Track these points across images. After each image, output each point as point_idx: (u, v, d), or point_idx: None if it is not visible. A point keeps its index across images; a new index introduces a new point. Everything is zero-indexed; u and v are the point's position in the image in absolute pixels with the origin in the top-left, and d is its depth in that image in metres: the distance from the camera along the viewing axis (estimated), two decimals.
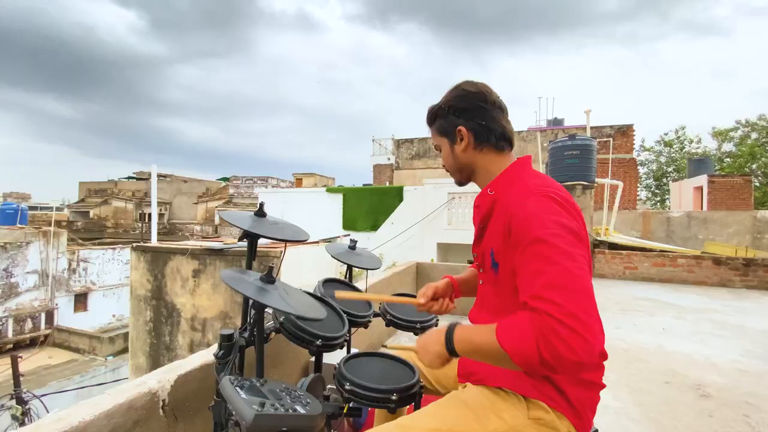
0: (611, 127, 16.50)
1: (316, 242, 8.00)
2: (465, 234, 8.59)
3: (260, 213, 1.29)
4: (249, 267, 1.25)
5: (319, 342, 1.19)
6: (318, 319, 0.98)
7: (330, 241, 8.99)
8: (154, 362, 6.13)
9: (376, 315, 1.68)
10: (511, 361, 0.79)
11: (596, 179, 8.03)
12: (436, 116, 1.10)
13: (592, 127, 14.21)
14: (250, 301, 1.30)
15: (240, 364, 1.24)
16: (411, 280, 4.49)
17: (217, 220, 28.41)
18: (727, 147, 23.75)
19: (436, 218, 8.86)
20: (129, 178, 36.89)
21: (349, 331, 1.48)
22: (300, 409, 0.77)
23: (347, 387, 1.09)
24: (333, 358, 2.10)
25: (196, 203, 31.21)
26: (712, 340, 3.91)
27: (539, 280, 0.78)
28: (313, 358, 2.20)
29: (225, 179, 33.65)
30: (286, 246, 1.33)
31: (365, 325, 1.56)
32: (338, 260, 1.77)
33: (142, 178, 35.99)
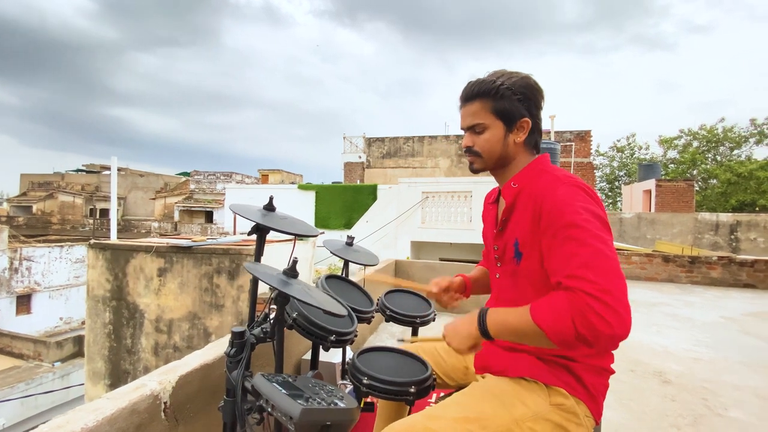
0: (571, 132, 17.39)
1: (289, 240, 7.85)
2: (438, 232, 8.77)
3: (269, 207, 1.26)
4: (258, 259, 1.22)
5: (333, 337, 1.19)
6: (341, 314, 0.97)
7: (302, 239, 8.85)
8: (114, 367, 5.77)
9: (375, 311, 1.69)
10: (546, 339, 0.82)
11: None
12: (494, 94, 0.99)
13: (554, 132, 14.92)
14: (266, 297, 1.27)
15: (247, 362, 1.21)
16: (389, 276, 4.51)
17: (176, 217, 27.09)
18: (672, 154, 25.73)
19: (409, 217, 8.96)
20: (78, 170, 34.40)
21: None
22: (340, 403, 0.76)
23: (365, 381, 1.09)
24: (326, 356, 2.08)
25: (153, 199, 29.58)
26: (667, 331, 4.24)
27: (574, 261, 0.82)
28: (306, 356, 2.18)
29: (185, 174, 32.16)
30: (295, 241, 1.31)
31: (368, 321, 1.56)
32: (336, 256, 1.76)
33: (93, 171, 33.69)
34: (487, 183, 9.19)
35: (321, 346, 1.20)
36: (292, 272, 0.98)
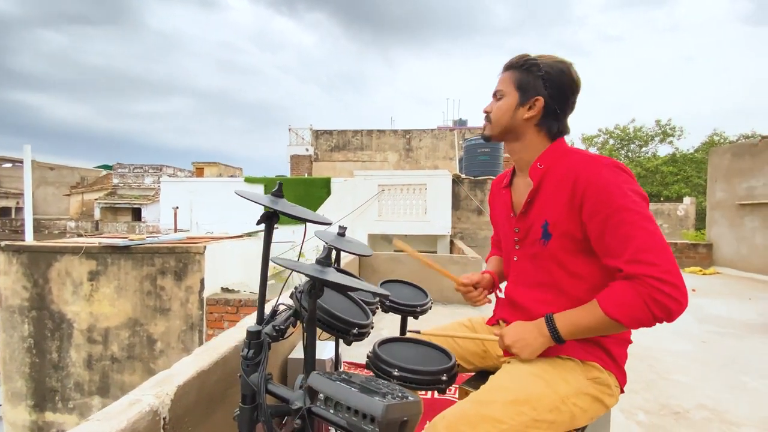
0: None
1: (240, 236, 7.42)
2: (395, 225, 8.85)
3: (278, 193, 1.15)
4: (267, 250, 1.11)
5: (355, 330, 1.12)
6: (387, 294, 0.91)
7: (252, 235, 8.41)
8: (38, 385, 5.05)
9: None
10: (621, 328, 0.89)
11: None
12: (524, 68, 1.03)
13: None
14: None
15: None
16: (354, 270, 4.46)
17: (97, 215, 24.35)
18: (593, 150, 28.48)
19: (366, 210, 8.91)
20: None
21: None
22: (410, 397, 0.71)
23: (396, 373, 1.04)
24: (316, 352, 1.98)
25: (68, 195, 26.34)
26: None
27: (632, 245, 0.86)
28: (292, 355, 2.06)
29: (107, 167, 29.00)
30: (306, 226, 1.21)
31: (373, 312, 1.50)
32: (330, 246, 1.67)
33: None
34: (441, 176, 9.42)
35: (342, 341, 1.13)
36: (326, 261, 0.90)
